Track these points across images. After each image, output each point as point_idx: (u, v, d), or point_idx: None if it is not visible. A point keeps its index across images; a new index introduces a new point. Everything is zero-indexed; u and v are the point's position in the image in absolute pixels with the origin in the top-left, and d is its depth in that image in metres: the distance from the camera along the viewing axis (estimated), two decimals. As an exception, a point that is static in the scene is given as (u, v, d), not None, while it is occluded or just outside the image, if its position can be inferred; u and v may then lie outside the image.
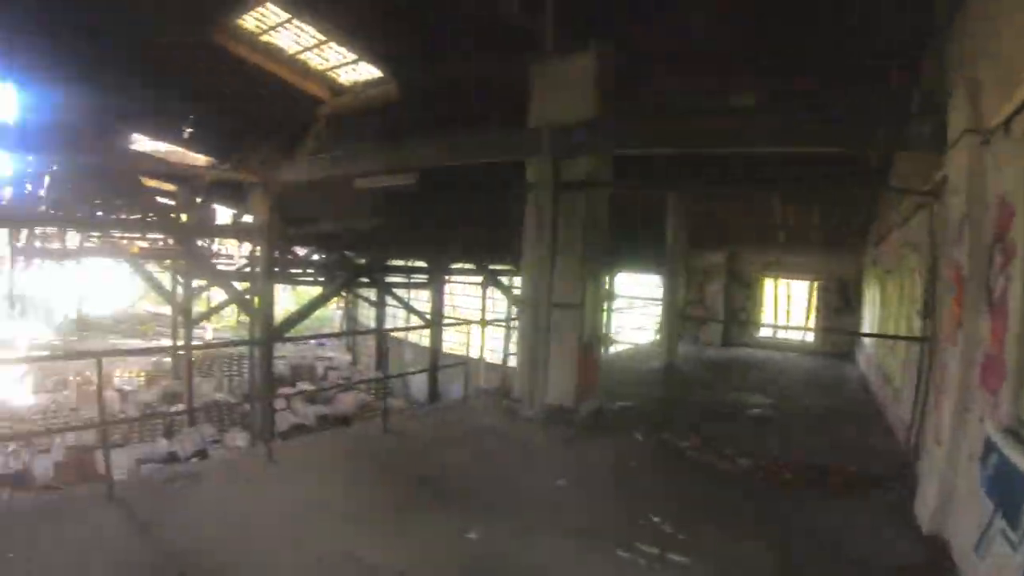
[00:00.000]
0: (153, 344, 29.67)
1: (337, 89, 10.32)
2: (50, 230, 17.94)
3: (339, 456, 6.06)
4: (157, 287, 19.64)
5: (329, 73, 9.92)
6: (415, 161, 8.43)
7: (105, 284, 42.94)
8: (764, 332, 17.46)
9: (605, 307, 14.82)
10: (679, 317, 12.69)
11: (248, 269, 16.92)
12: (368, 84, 9.86)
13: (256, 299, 11.09)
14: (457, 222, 11.93)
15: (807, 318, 17.88)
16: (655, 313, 17.99)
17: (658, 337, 13.20)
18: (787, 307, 18.15)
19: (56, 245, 18.99)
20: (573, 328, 7.32)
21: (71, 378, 21.78)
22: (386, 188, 10.19)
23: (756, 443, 6.99)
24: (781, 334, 17.50)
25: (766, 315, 17.57)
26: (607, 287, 14.84)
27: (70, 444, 14.23)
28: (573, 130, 6.99)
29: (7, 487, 11.96)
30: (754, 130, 6.23)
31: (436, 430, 7.03)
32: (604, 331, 7.93)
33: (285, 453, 6.03)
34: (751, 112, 7.69)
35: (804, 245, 16.16)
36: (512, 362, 14.76)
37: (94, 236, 18.94)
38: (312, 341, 33.40)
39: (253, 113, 11.24)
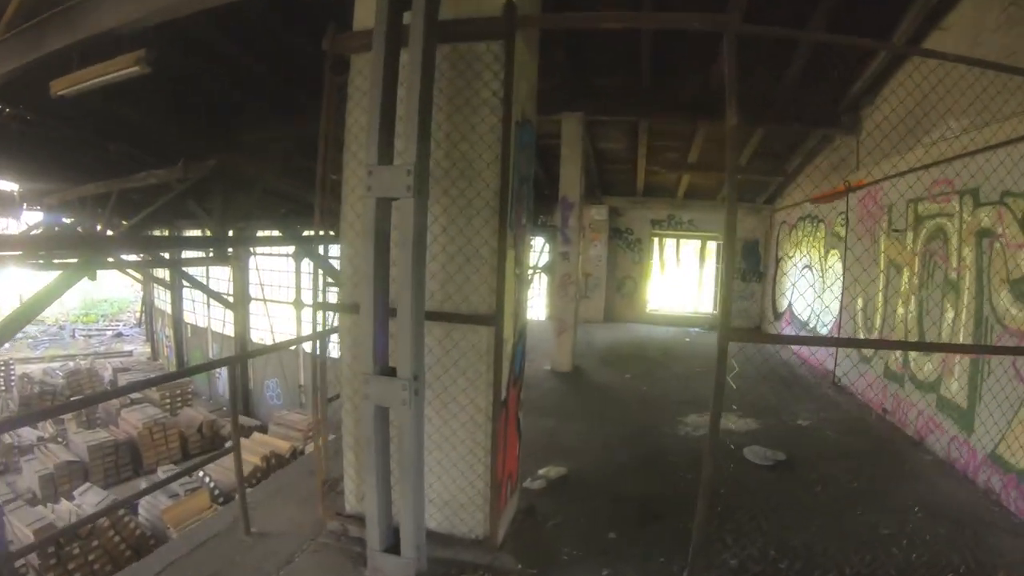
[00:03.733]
0: None
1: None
2: None
3: None
4: None
5: None
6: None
7: None
8: (654, 304, 14.36)
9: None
10: (578, 292, 8.78)
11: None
12: None
13: None
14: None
15: (701, 283, 15.19)
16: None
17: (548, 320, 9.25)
18: (679, 272, 15.16)
19: None
20: (482, 366, 3.13)
21: None
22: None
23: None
24: (674, 306, 14.52)
25: (655, 282, 14.43)
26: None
27: None
28: None
29: None
30: None
31: None
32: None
33: None
34: None
35: (703, 197, 13.19)
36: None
37: None
38: (109, 333, 29.93)
39: None
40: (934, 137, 5.37)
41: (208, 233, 14.51)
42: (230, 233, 14.11)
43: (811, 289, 9.40)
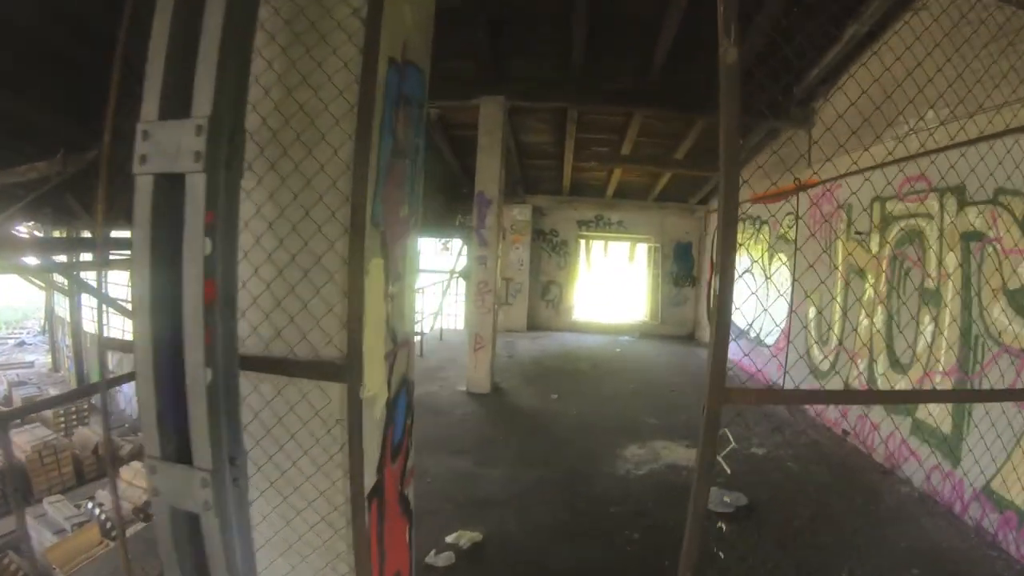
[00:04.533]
0: None
1: None
2: None
3: None
4: None
5: None
6: None
7: None
8: (581, 311, 13.51)
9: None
10: (496, 301, 7.67)
11: None
12: None
13: None
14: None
15: (631, 288, 14.49)
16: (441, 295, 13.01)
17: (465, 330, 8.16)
18: (608, 277, 14.42)
19: None
20: (332, 444, 2.02)
21: None
22: None
23: None
24: (602, 313, 13.75)
25: (583, 288, 13.59)
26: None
27: None
28: None
29: None
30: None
31: None
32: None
33: None
34: None
35: (634, 197, 12.48)
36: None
37: None
38: (11, 342, 26.40)
39: None
40: (905, 130, 4.64)
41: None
42: (127, 234, 12.54)
43: (753, 296, 8.70)
